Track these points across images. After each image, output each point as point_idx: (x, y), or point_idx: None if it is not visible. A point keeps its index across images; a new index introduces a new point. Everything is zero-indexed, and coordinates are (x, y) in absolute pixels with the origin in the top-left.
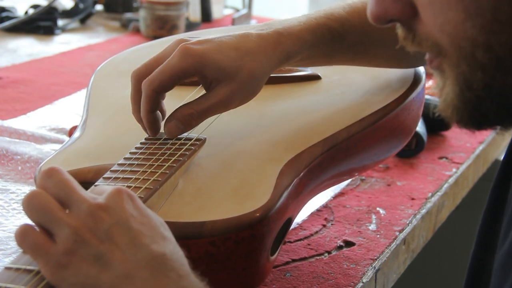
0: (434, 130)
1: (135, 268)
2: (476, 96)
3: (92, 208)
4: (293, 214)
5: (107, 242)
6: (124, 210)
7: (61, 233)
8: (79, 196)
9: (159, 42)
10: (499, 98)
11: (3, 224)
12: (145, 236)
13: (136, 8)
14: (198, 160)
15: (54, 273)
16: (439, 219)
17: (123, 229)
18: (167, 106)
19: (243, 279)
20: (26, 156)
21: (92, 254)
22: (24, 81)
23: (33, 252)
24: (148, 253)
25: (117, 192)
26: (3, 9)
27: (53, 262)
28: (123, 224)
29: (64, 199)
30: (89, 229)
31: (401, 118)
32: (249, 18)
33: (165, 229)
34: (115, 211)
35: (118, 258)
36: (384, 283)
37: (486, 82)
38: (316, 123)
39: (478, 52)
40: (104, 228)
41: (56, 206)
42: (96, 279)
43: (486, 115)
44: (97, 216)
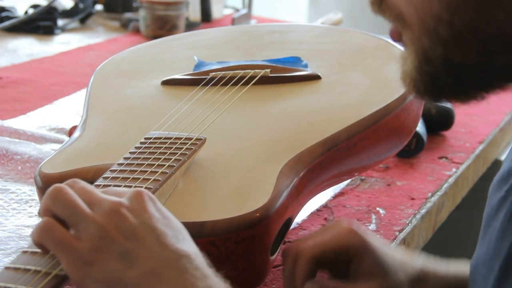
0: (434, 130)
1: (161, 266)
2: (434, 69)
3: (116, 207)
4: (293, 214)
5: (132, 239)
6: (147, 211)
7: (87, 230)
8: (102, 197)
9: (158, 42)
10: (456, 73)
11: (3, 224)
12: (169, 236)
13: (136, 8)
14: (198, 160)
15: (80, 270)
16: (439, 219)
17: (148, 228)
18: (166, 105)
19: (243, 279)
20: (26, 156)
21: (118, 251)
22: (24, 81)
23: (58, 248)
24: (174, 252)
25: (138, 194)
26: (3, 9)
27: (79, 259)
28: (147, 224)
29: (88, 201)
30: (115, 227)
31: (401, 118)
32: (249, 18)
33: (186, 233)
34: (139, 212)
35: (145, 256)
36: None
37: (445, 57)
38: (316, 123)
39: (441, 29)
40: (129, 226)
41: (82, 206)
42: (122, 276)
43: (442, 88)
44: (122, 214)
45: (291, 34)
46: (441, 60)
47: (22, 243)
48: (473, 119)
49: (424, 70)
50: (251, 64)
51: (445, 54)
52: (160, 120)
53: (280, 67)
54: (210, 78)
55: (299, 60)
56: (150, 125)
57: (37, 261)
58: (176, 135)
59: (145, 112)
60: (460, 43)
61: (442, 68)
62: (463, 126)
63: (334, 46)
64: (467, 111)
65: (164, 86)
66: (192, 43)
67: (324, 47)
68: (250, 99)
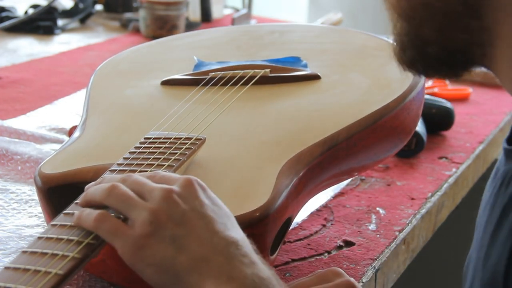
0: (434, 130)
1: (211, 252)
2: (401, 40)
3: (167, 194)
4: (292, 214)
5: (183, 225)
6: (198, 198)
7: (138, 217)
8: (153, 185)
9: (158, 42)
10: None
11: (3, 224)
12: (218, 223)
13: (136, 8)
14: (198, 159)
15: (133, 255)
16: (439, 219)
17: (198, 214)
18: (166, 105)
19: None
20: (26, 156)
21: (168, 235)
22: (24, 81)
23: (111, 234)
24: (223, 239)
25: (189, 182)
26: (3, 9)
27: (131, 243)
28: (198, 210)
29: (140, 191)
30: (165, 212)
31: (401, 118)
32: (249, 18)
33: (234, 220)
34: (189, 199)
35: (195, 242)
36: (384, 283)
37: (405, 29)
38: (315, 123)
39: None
40: (179, 211)
41: (133, 196)
42: (173, 260)
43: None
44: (172, 200)
45: (291, 34)
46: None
47: (22, 243)
48: (473, 119)
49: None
50: (250, 64)
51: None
52: (160, 120)
53: (280, 67)
54: (210, 78)
55: (298, 60)
56: (149, 125)
57: (37, 261)
58: (176, 135)
59: (144, 112)
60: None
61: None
62: (463, 126)
63: (334, 46)
64: (467, 111)
65: (163, 86)
66: (192, 43)
67: (324, 47)
68: (250, 99)
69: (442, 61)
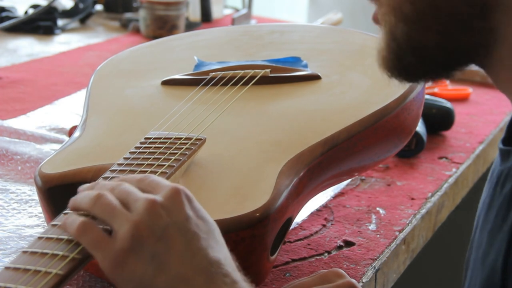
0: (434, 130)
1: (191, 271)
2: (399, 47)
3: (150, 205)
4: (293, 214)
5: (164, 240)
6: (182, 211)
7: (120, 230)
8: (136, 196)
9: (158, 42)
10: (419, 51)
11: (3, 224)
12: (201, 239)
13: (136, 8)
14: (198, 159)
15: (112, 269)
16: (439, 219)
17: (180, 230)
18: (166, 105)
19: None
20: (26, 156)
21: (148, 252)
22: (24, 81)
23: (92, 246)
24: (205, 258)
25: (175, 191)
26: (3, 9)
27: (111, 257)
28: (181, 224)
29: (126, 201)
30: (147, 226)
31: (401, 118)
32: (249, 18)
33: (218, 233)
34: (173, 211)
35: (176, 259)
36: (384, 283)
37: (408, 34)
38: (316, 123)
39: (404, 5)
40: (161, 225)
41: (117, 206)
42: (152, 279)
43: (408, 68)
44: (155, 212)
45: (291, 34)
46: (404, 37)
47: (22, 243)
48: (473, 119)
49: (392, 47)
50: (251, 64)
51: (407, 31)
52: (160, 120)
53: (280, 67)
54: (210, 78)
55: (299, 60)
56: (150, 125)
57: (37, 261)
58: (176, 135)
59: (145, 112)
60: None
61: (405, 46)
62: (463, 126)
63: (334, 46)
64: (467, 111)
65: (164, 86)
66: (192, 43)
67: (324, 47)
68: (250, 99)
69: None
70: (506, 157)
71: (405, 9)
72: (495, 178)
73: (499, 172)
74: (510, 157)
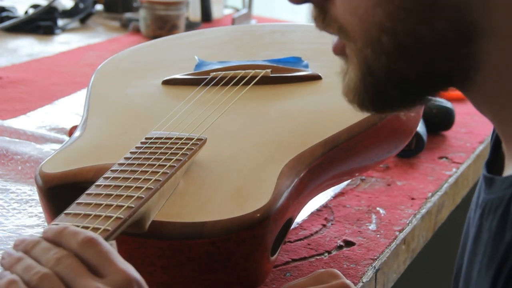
0: (434, 130)
1: None
2: (378, 81)
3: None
4: (293, 215)
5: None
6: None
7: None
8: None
9: (158, 41)
10: (401, 84)
11: (3, 224)
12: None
13: (136, 8)
14: (199, 160)
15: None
16: (439, 219)
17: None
18: (167, 105)
19: (243, 280)
20: (26, 156)
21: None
22: (24, 81)
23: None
24: None
25: (127, 284)
26: (3, 9)
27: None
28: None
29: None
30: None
31: (402, 119)
32: (249, 18)
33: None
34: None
35: None
36: (384, 283)
37: (388, 68)
38: (316, 124)
39: (383, 38)
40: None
41: None
42: None
43: (387, 100)
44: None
45: (292, 34)
46: (385, 71)
47: None
48: (473, 119)
49: (368, 82)
50: (251, 64)
51: (388, 64)
52: (161, 120)
53: (281, 67)
54: (211, 78)
55: (300, 60)
56: (150, 125)
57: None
58: (177, 135)
59: (145, 112)
60: (403, 52)
61: (386, 79)
62: (463, 126)
63: None
64: (467, 111)
65: (164, 86)
66: (193, 43)
67: (325, 47)
68: (251, 99)
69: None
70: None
71: (384, 42)
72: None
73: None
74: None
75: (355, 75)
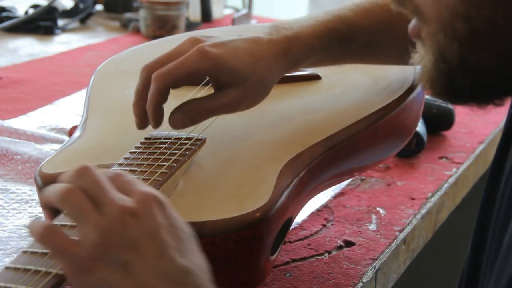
0: (434, 130)
1: (159, 281)
2: (449, 68)
3: (121, 214)
4: (293, 214)
5: (132, 250)
6: (154, 218)
7: (88, 236)
8: (110, 199)
9: (159, 42)
10: (474, 74)
11: (3, 224)
12: (172, 248)
13: (136, 8)
14: (198, 159)
15: (77, 277)
16: (439, 219)
17: (151, 239)
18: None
19: (243, 279)
20: (26, 156)
21: (116, 260)
22: (24, 81)
23: (58, 253)
24: (173, 266)
25: (148, 197)
26: (3, 9)
27: (76, 264)
28: (152, 233)
29: (96, 199)
30: (116, 235)
31: (402, 118)
32: (249, 18)
33: (192, 241)
34: (145, 219)
35: (143, 269)
36: (384, 283)
37: (461, 55)
38: (316, 123)
39: (457, 23)
40: (131, 235)
41: (89, 208)
42: (118, 287)
43: (459, 90)
44: (126, 222)
45: None
46: (457, 58)
47: (22, 243)
48: (473, 119)
49: (441, 68)
50: None
51: (461, 52)
52: None
53: None
54: None
55: None
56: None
57: (38, 261)
58: (176, 135)
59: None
60: (477, 40)
61: (458, 68)
62: (463, 126)
63: None
64: (467, 111)
65: None
66: None
67: None
68: None
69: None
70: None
71: (458, 28)
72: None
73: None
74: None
75: (429, 60)
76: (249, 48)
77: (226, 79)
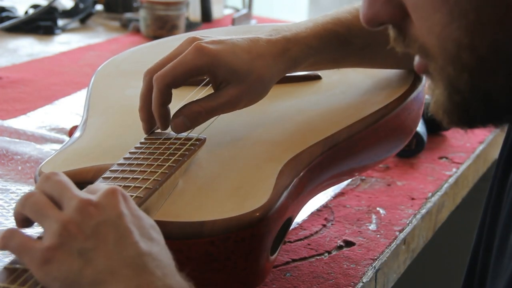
0: (434, 130)
1: (119, 265)
2: (463, 98)
3: (81, 204)
4: (293, 214)
5: (93, 238)
6: (116, 208)
7: (49, 229)
8: (71, 194)
9: (159, 42)
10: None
11: (3, 224)
12: (133, 234)
13: (136, 8)
14: (198, 160)
15: (39, 269)
16: (439, 219)
17: (112, 226)
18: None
19: (243, 279)
20: (26, 156)
21: (76, 248)
22: (24, 81)
23: (19, 251)
24: (134, 251)
25: (111, 191)
26: (3, 9)
27: (37, 257)
28: (113, 221)
29: (58, 198)
30: (76, 224)
31: (402, 118)
32: (249, 18)
33: (155, 231)
34: (106, 209)
35: (104, 254)
36: (384, 283)
37: (472, 84)
38: (316, 123)
39: (463, 54)
40: (91, 224)
41: (49, 205)
42: (78, 274)
43: (475, 116)
44: (86, 211)
45: None
46: (469, 87)
47: None
48: None
49: (455, 100)
50: None
51: (472, 81)
52: None
53: None
54: None
55: None
56: None
57: None
58: (176, 135)
59: None
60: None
61: (471, 96)
62: None
63: None
64: None
65: None
66: None
67: None
68: None
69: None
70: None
71: (465, 58)
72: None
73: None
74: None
75: (441, 93)
76: (247, 46)
77: (224, 76)
